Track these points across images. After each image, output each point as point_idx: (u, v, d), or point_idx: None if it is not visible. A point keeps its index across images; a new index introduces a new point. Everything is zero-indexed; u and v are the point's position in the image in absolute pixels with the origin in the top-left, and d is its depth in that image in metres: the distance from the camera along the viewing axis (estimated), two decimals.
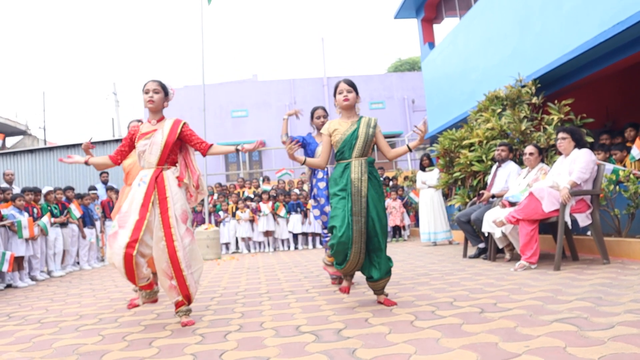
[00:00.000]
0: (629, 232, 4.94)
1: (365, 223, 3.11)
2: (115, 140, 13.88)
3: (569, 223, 4.42)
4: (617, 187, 4.79)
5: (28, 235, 6.18)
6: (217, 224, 9.98)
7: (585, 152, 4.44)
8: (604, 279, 3.57)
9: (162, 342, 2.61)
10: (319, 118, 4.32)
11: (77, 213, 7.72)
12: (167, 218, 3.04)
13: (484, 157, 6.24)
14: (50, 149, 13.09)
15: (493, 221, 4.75)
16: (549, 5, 7.51)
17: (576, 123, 5.88)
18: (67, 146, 12.98)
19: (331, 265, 4.22)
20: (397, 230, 10.25)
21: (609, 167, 4.88)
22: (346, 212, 3.11)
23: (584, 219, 4.44)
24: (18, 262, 6.14)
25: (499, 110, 6.61)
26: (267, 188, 11.11)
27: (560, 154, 4.76)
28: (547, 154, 5.80)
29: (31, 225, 6.24)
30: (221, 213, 10.26)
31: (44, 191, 7.49)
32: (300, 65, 60.83)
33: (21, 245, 6.19)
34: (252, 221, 9.92)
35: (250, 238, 10.02)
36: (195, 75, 71.87)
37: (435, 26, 13.11)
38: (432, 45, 12.93)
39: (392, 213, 9.95)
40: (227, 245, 10.14)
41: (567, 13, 7.05)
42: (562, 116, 5.97)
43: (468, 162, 6.39)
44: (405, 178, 12.02)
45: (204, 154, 3.22)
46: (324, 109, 4.36)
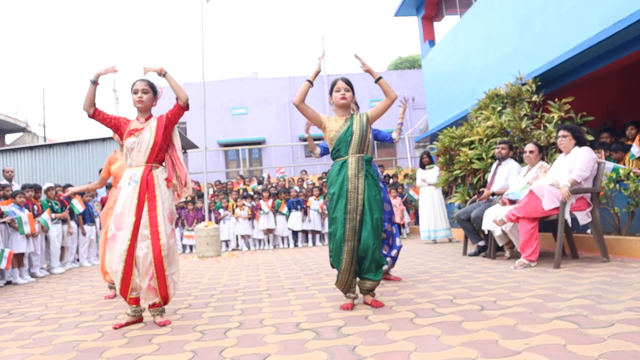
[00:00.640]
0: (629, 230, 4.95)
1: (359, 221, 3.09)
2: None
3: (569, 221, 4.42)
4: (617, 185, 4.79)
5: (29, 230, 6.19)
6: (217, 221, 9.99)
7: (586, 150, 4.43)
8: (604, 276, 3.58)
9: (162, 339, 2.62)
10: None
11: (80, 208, 7.72)
12: (154, 216, 3.04)
13: (484, 155, 6.24)
14: (50, 146, 13.03)
15: (494, 220, 4.75)
16: (550, 3, 7.50)
17: (576, 121, 5.87)
18: (67, 143, 12.92)
19: None
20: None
21: (609, 165, 4.88)
22: (342, 211, 3.10)
23: (584, 217, 4.44)
24: (18, 259, 6.14)
25: (499, 108, 6.61)
26: (254, 185, 11.31)
27: (560, 152, 4.76)
28: (548, 152, 5.80)
29: (32, 220, 6.24)
30: (221, 211, 10.26)
31: (44, 187, 7.50)
32: (300, 62, 60.87)
33: (22, 242, 6.20)
34: (250, 219, 9.93)
35: (249, 236, 10.03)
36: (195, 72, 71.81)
37: (435, 24, 13.10)
38: (432, 43, 12.93)
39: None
40: (227, 242, 10.15)
41: (568, 11, 7.05)
42: (563, 114, 5.98)
43: (468, 160, 6.39)
44: (405, 176, 12.01)
45: (179, 103, 3.15)
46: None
